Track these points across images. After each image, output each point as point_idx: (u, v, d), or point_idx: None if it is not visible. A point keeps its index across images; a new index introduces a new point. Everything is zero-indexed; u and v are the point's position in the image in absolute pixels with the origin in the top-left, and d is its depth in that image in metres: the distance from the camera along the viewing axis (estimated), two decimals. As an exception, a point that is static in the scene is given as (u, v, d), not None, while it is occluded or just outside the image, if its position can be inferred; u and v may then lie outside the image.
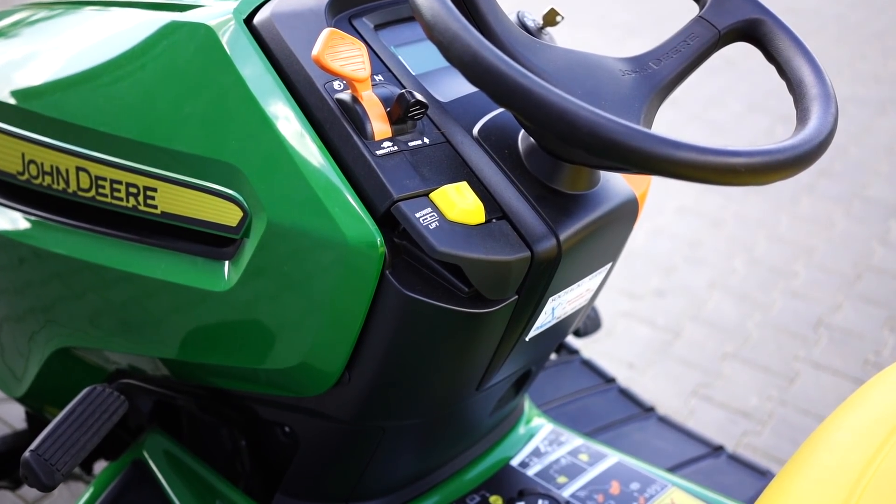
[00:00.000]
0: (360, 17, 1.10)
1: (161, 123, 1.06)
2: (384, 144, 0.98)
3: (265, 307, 1.04)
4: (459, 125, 1.03)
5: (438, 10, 0.83)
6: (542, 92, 0.79)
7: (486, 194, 0.99)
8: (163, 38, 1.08)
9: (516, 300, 1.00)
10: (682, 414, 2.41)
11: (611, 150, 0.79)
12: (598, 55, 1.02)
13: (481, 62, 0.80)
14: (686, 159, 0.80)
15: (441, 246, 0.92)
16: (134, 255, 1.13)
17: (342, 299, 0.98)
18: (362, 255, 0.96)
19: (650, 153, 0.79)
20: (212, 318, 1.09)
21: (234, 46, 1.02)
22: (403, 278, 0.97)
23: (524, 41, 0.99)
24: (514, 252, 0.96)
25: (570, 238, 1.00)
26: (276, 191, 0.99)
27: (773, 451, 2.32)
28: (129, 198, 1.11)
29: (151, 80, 1.07)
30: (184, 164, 1.05)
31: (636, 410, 1.68)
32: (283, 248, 1.00)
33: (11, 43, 1.28)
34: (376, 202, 0.96)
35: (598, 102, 0.96)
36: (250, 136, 1.00)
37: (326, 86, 1.00)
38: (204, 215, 1.05)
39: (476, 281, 0.96)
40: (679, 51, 1.04)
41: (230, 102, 1.02)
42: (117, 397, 1.12)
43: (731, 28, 1.04)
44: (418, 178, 0.97)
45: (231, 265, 1.06)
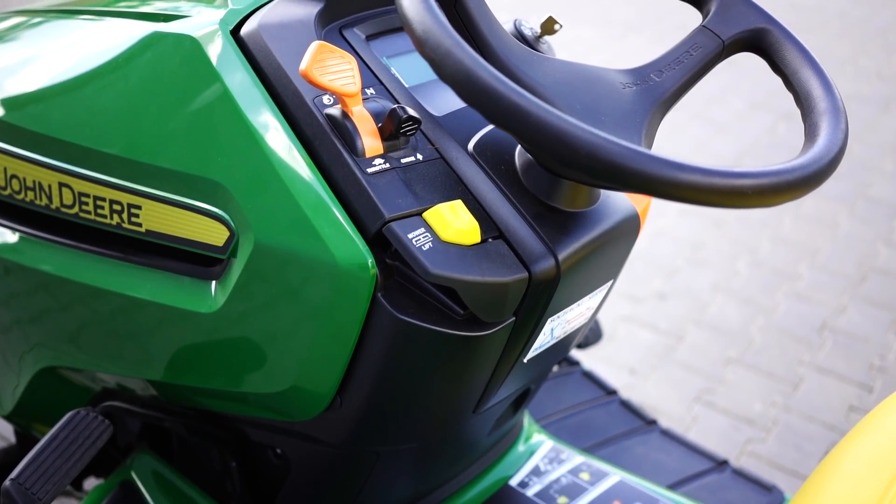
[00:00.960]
0: (351, 27, 1.06)
1: (145, 139, 1.02)
2: (375, 162, 0.94)
3: (253, 330, 1.00)
4: (454, 140, 0.99)
5: (430, 25, 0.79)
6: (538, 112, 0.75)
7: (482, 213, 0.96)
8: (146, 49, 1.04)
9: (514, 322, 0.97)
10: (686, 421, 2.37)
11: (611, 174, 0.75)
12: (598, 67, 0.98)
13: (475, 81, 0.76)
14: (690, 182, 0.76)
15: (434, 268, 0.89)
16: (118, 273, 1.10)
17: (332, 323, 0.95)
18: (353, 277, 0.92)
19: (652, 176, 0.75)
20: (198, 339, 1.05)
21: (220, 59, 0.98)
22: (396, 301, 0.93)
23: (521, 54, 0.95)
24: (511, 273, 0.92)
25: (569, 258, 0.96)
26: (263, 210, 0.95)
27: (778, 459, 2.28)
28: (113, 215, 1.07)
29: (135, 94, 1.04)
30: (168, 181, 1.01)
31: (638, 423, 1.65)
32: (271, 269, 0.96)
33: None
34: (367, 222, 0.92)
35: (598, 118, 0.92)
36: (237, 152, 0.96)
37: (316, 100, 0.96)
38: (189, 234, 1.01)
39: (471, 303, 0.92)
40: (681, 62, 1.00)
41: (216, 117, 0.98)
42: (101, 422, 1.09)
43: (735, 38, 1.00)
44: (411, 196, 0.93)
45: (218, 285, 1.02)
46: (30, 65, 1.17)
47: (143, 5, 1.16)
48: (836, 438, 2.35)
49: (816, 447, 2.33)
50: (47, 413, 1.36)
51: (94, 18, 1.16)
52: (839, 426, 2.40)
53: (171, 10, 1.10)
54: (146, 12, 1.12)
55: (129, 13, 1.13)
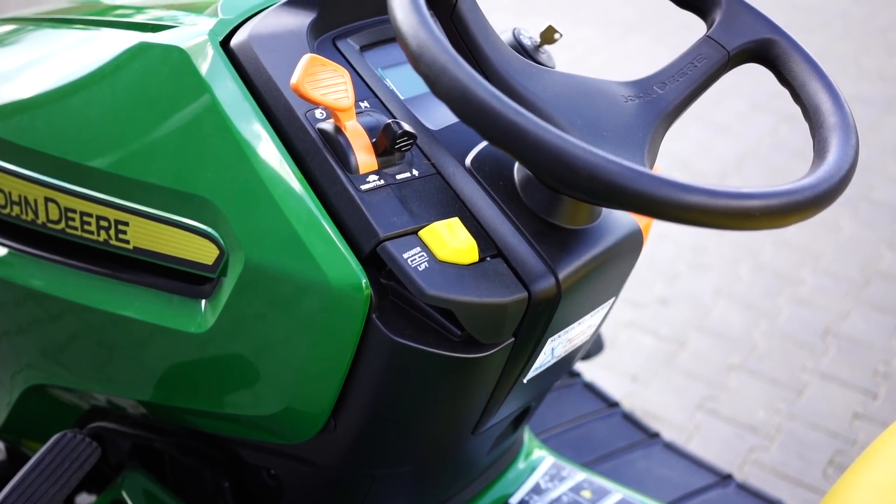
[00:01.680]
0: (344, 37, 1.03)
1: (131, 153, 0.99)
2: (369, 178, 0.91)
3: (244, 351, 0.97)
4: (451, 155, 0.96)
5: (425, 40, 0.76)
6: (536, 132, 0.72)
7: (480, 230, 0.92)
8: (133, 60, 1.01)
9: (513, 343, 0.94)
10: (688, 429, 2.34)
11: (613, 195, 0.72)
12: (599, 80, 0.95)
13: (471, 99, 0.73)
14: (696, 204, 0.73)
15: (430, 289, 0.86)
16: (106, 290, 1.07)
17: (326, 345, 0.92)
18: (346, 298, 0.89)
19: (656, 198, 0.72)
20: (188, 360, 1.02)
21: (208, 71, 0.95)
22: (391, 322, 0.90)
23: (519, 66, 0.92)
24: (510, 293, 0.89)
25: (569, 276, 0.93)
26: (253, 228, 0.92)
27: (782, 468, 2.25)
28: (100, 231, 1.04)
29: (121, 107, 1.00)
30: (156, 197, 0.98)
31: (641, 437, 1.62)
32: (262, 289, 0.93)
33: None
34: (361, 241, 0.89)
35: (600, 133, 0.89)
36: (226, 168, 0.93)
37: (308, 114, 0.93)
38: (178, 252, 0.98)
39: (469, 325, 0.89)
40: (685, 73, 0.97)
41: (204, 132, 0.95)
42: (89, 444, 1.06)
43: (741, 49, 0.97)
44: (406, 214, 0.90)
45: (208, 304, 0.99)
46: (14, 75, 1.14)
47: (133, 15, 1.13)
48: (840, 446, 2.32)
49: (821, 456, 2.29)
50: (37, 430, 1.33)
51: (82, 28, 1.13)
52: (843, 434, 2.37)
53: (160, 19, 1.07)
54: (135, 22, 1.09)
55: (118, 23, 1.10)
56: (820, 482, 2.21)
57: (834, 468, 2.26)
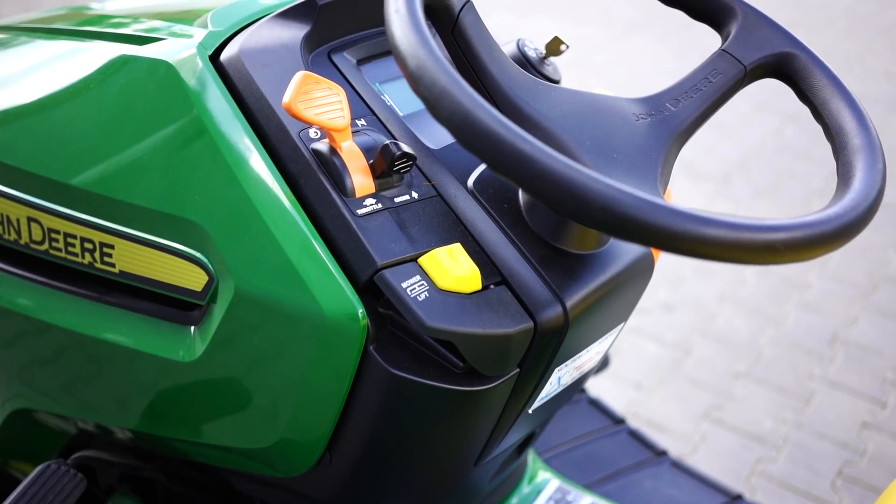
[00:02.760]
0: (340, 51, 0.98)
1: (116, 173, 0.94)
2: (366, 202, 0.86)
3: (235, 381, 0.92)
4: (452, 176, 0.91)
5: (424, 60, 0.71)
6: (545, 161, 0.67)
7: (483, 257, 0.88)
8: (118, 75, 0.96)
9: (518, 373, 0.89)
10: (694, 440, 2.29)
11: (628, 229, 0.67)
12: (609, 97, 0.90)
13: (474, 124, 0.68)
14: (716, 238, 0.68)
15: (431, 321, 0.81)
16: (91, 314, 1.02)
17: (320, 377, 0.87)
18: (341, 329, 0.84)
19: (674, 232, 0.67)
20: (176, 389, 0.97)
21: (196, 87, 0.91)
22: (389, 354, 0.85)
23: (525, 84, 0.87)
24: (515, 323, 0.84)
25: (577, 305, 0.88)
26: (244, 254, 0.87)
27: (790, 479, 2.20)
28: (85, 254, 0.99)
29: (105, 124, 0.96)
30: (142, 219, 0.93)
31: (648, 455, 1.57)
32: (254, 318, 0.88)
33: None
34: (358, 270, 0.84)
35: (610, 155, 0.84)
36: (215, 190, 0.88)
37: (301, 134, 0.88)
38: (166, 277, 0.94)
39: (471, 357, 0.84)
40: (700, 89, 0.92)
41: (192, 152, 0.90)
42: (73, 476, 1.01)
43: (758, 63, 0.92)
44: (405, 240, 0.85)
45: (198, 332, 0.94)
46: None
47: (121, 25, 1.08)
48: (849, 457, 2.28)
49: (829, 466, 2.25)
50: (24, 452, 1.28)
51: (67, 39, 1.08)
52: (852, 444, 2.32)
53: (148, 31, 1.02)
54: (122, 33, 1.04)
55: (105, 34, 1.05)
56: (828, 495, 2.17)
57: (843, 480, 2.21)
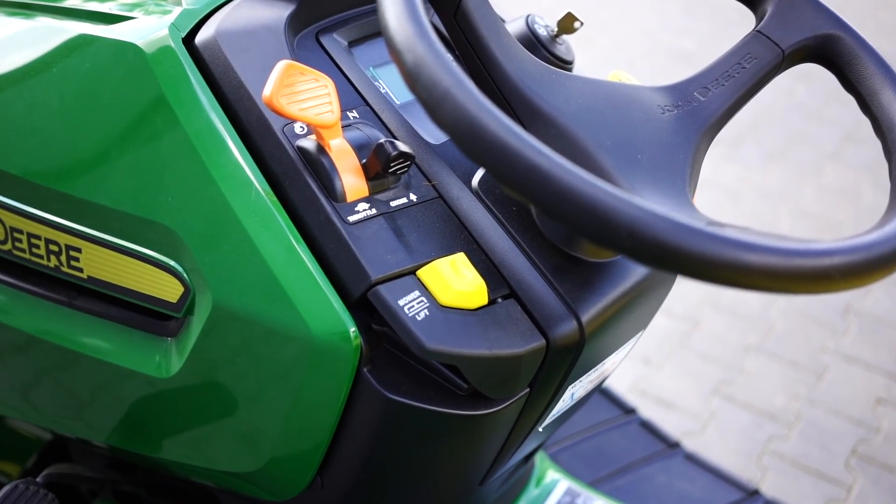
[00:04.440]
0: (329, 32, 0.88)
1: (80, 169, 0.85)
2: (358, 207, 0.77)
3: (215, 402, 0.84)
4: (455, 175, 0.82)
5: (423, 55, 0.61)
6: (563, 178, 0.57)
7: (490, 267, 0.78)
8: (82, 58, 0.86)
9: (528, 394, 0.80)
10: (703, 417, 2.22)
11: (661, 258, 0.58)
12: (630, 87, 0.80)
13: (481, 134, 0.58)
14: (762, 268, 0.58)
15: (431, 343, 0.72)
16: (60, 320, 0.93)
17: (309, 400, 0.78)
18: (331, 350, 0.75)
19: (713, 261, 0.57)
20: (154, 407, 0.89)
21: (168, 75, 0.81)
22: (384, 376, 0.77)
23: (536, 73, 0.77)
24: (525, 342, 0.76)
25: (594, 319, 0.79)
26: (222, 265, 0.78)
27: (803, 459, 2.13)
28: (50, 256, 0.90)
29: (68, 114, 0.86)
30: (110, 222, 0.84)
31: (660, 447, 1.49)
32: (234, 335, 0.79)
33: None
34: (349, 284, 0.75)
35: (633, 156, 0.74)
36: (189, 192, 0.79)
37: (286, 129, 0.78)
38: (137, 286, 0.85)
39: (477, 381, 0.75)
40: (732, 76, 0.82)
41: (164, 148, 0.80)
42: (44, 497, 0.93)
43: (798, 46, 0.82)
44: (402, 250, 0.76)
45: (174, 345, 0.85)
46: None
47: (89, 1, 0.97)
48: (863, 435, 2.20)
49: (843, 446, 2.18)
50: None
51: (27, 14, 0.97)
52: (866, 421, 2.25)
53: (118, 7, 0.92)
54: (89, 10, 0.93)
55: (70, 10, 0.95)
56: (842, 475, 2.10)
57: (857, 459, 2.14)
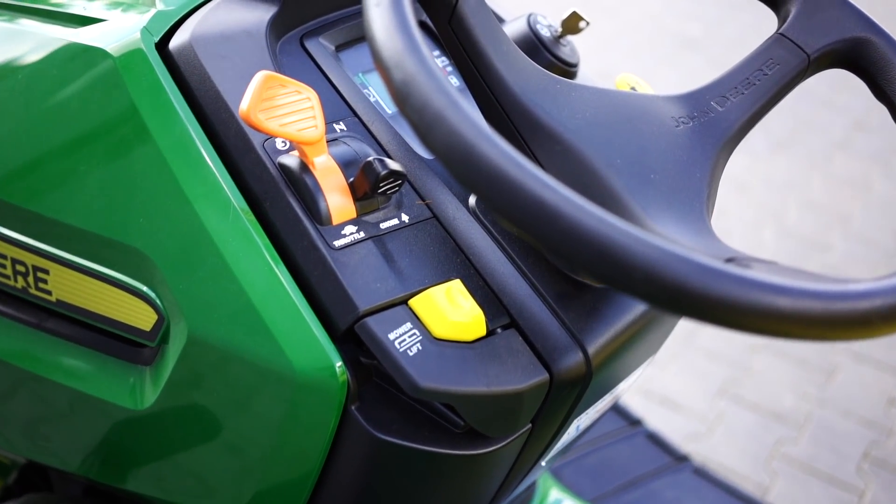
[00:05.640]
0: (315, 36, 0.81)
1: (47, 185, 0.78)
2: (345, 230, 0.70)
3: (192, 438, 0.78)
4: (451, 192, 0.75)
5: (412, 72, 0.54)
6: (571, 213, 0.51)
7: (488, 294, 0.72)
8: (48, 64, 0.79)
9: (530, 430, 0.74)
10: (710, 419, 2.16)
11: (680, 304, 0.51)
12: (641, 96, 0.73)
13: (477, 162, 0.52)
14: (793, 312, 0.52)
15: (425, 381, 0.66)
16: (29, 342, 0.86)
17: (292, 440, 0.72)
18: (315, 386, 0.69)
19: (740, 307, 0.51)
20: (127, 440, 0.83)
21: (139, 83, 0.74)
22: (374, 414, 0.70)
23: (539, 84, 0.70)
24: (528, 377, 0.69)
25: (601, 350, 0.73)
26: (197, 293, 0.71)
27: (813, 461, 2.07)
28: (17, 277, 0.83)
29: (34, 125, 0.79)
30: (78, 243, 0.77)
31: (667, 460, 1.43)
32: (211, 369, 0.73)
33: None
34: (335, 316, 0.69)
35: (646, 176, 0.67)
36: (162, 213, 0.73)
37: (266, 144, 0.72)
38: (109, 312, 0.78)
39: (474, 420, 0.69)
40: (752, 84, 0.75)
41: (135, 164, 0.74)
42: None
43: (824, 51, 0.75)
44: (393, 278, 0.70)
45: (149, 374, 0.79)
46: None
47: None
48: (875, 437, 2.15)
49: (854, 449, 2.12)
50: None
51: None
52: (879, 423, 2.19)
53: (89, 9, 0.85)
54: (59, 11, 0.87)
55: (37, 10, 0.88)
56: (854, 479, 2.04)
57: (869, 463, 2.08)
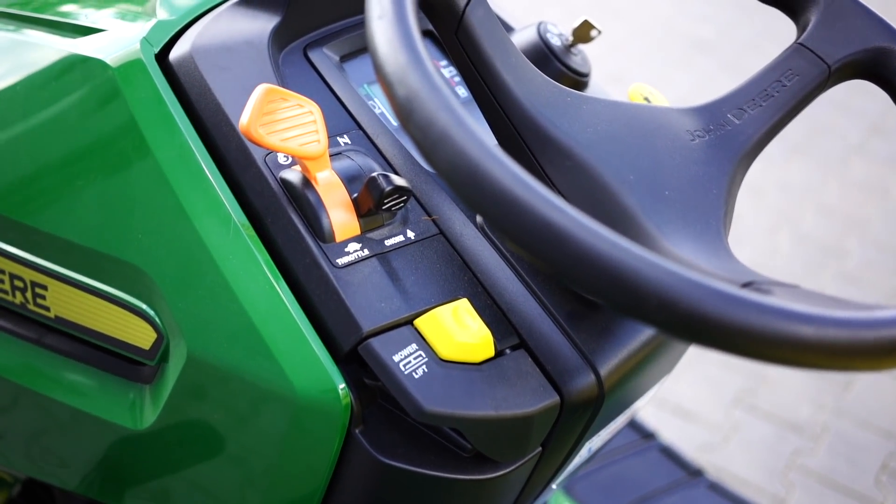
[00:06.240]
0: (318, 46, 0.79)
1: (44, 199, 0.77)
2: (349, 248, 0.68)
3: (192, 460, 0.76)
4: (458, 208, 0.73)
5: (416, 89, 0.52)
6: (582, 237, 0.48)
7: (497, 313, 0.70)
8: (46, 75, 0.78)
9: (540, 453, 0.72)
10: (725, 429, 2.13)
11: (698, 333, 0.49)
12: (654, 108, 0.71)
13: (483, 183, 0.50)
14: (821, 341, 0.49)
15: (430, 405, 0.64)
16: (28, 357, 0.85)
17: (294, 464, 0.70)
18: (318, 409, 0.67)
19: (761, 337, 0.48)
20: (127, 459, 0.81)
21: (139, 95, 0.72)
22: (378, 437, 0.68)
23: (549, 97, 0.68)
24: (537, 400, 0.67)
25: (614, 371, 0.70)
26: (196, 312, 0.69)
27: (831, 473, 2.04)
28: (16, 292, 0.82)
29: (31, 136, 0.78)
30: (76, 259, 0.76)
31: (681, 474, 1.41)
32: (211, 389, 0.71)
33: None
34: (338, 336, 0.66)
35: (660, 192, 0.65)
36: (161, 229, 0.71)
37: (268, 158, 0.70)
38: (107, 329, 0.76)
39: (482, 444, 0.67)
40: (770, 96, 0.73)
41: (133, 178, 0.72)
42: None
43: (846, 61, 0.73)
44: (398, 297, 0.67)
45: (149, 393, 0.77)
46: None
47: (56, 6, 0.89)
48: (894, 448, 2.11)
49: (872, 459, 2.08)
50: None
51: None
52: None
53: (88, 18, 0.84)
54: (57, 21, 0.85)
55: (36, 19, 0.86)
56: (872, 491, 2.01)
57: (888, 475, 2.05)
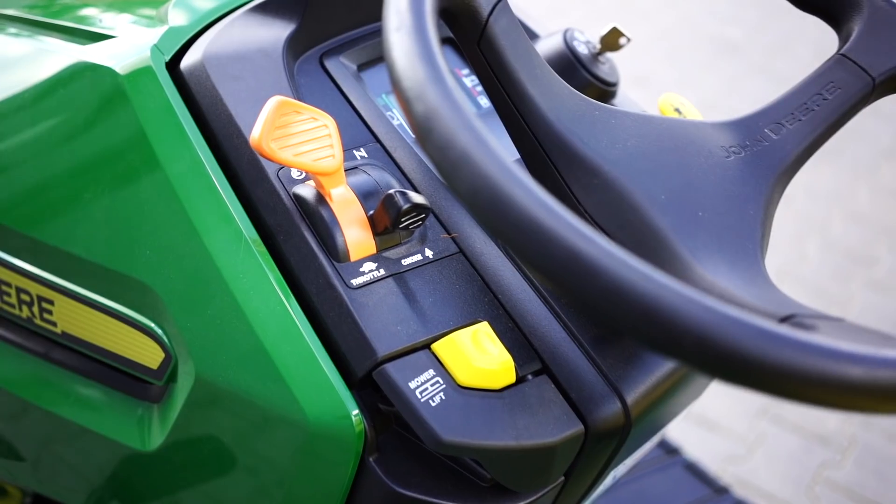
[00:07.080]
0: (335, 55, 0.76)
1: (51, 212, 0.74)
2: (364, 267, 0.65)
3: (201, 484, 0.73)
4: (478, 226, 0.70)
5: (435, 106, 0.49)
6: (612, 269, 0.45)
7: (518, 337, 0.67)
8: (54, 82, 0.75)
9: (563, 483, 0.68)
10: (749, 441, 2.08)
11: (737, 373, 0.45)
12: (687, 122, 0.67)
13: (505, 209, 0.46)
14: (871, 383, 0.46)
15: (448, 435, 0.60)
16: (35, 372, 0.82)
17: (305, 492, 0.67)
18: (330, 436, 0.64)
19: (807, 378, 0.45)
20: (134, 481, 0.78)
21: (148, 105, 0.70)
22: (393, 466, 0.65)
23: (576, 111, 0.64)
24: (560, 429, 0.64)
25: (641, 399, 0.67)
26: (205, 332, 0.67)
27: (858, 488, 1.99)
28: (22, 306, 0.79)
29: (38, 146, 0.75)
30: (83, 274, 0.73)
31: (707, 491, 1.37)
32: (221, 413, 0.68)
33: None
34: (352, 361, 0.63)
35: (693, 213, 0.61)
36: (169, 245, 0.68)
37: (280, 173, 0.67)
38: (114, 347, 0.74)
39: (502, 476, 0.64)
40: (810, 110, 0.69)
41: (142, 192, 0.69)
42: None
43: (892, 73, 0.69)
44: (415, 319, 0.64)
45: (158, 412, 0.74)
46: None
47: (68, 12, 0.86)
48: (923, 463, 2.06)
49: (901, 474, 2.04)
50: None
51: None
52: (927, 447, 2.10)
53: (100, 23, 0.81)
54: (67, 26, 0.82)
55: (45, 24, 0.84)
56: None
57: (917, 490, 2.00)
